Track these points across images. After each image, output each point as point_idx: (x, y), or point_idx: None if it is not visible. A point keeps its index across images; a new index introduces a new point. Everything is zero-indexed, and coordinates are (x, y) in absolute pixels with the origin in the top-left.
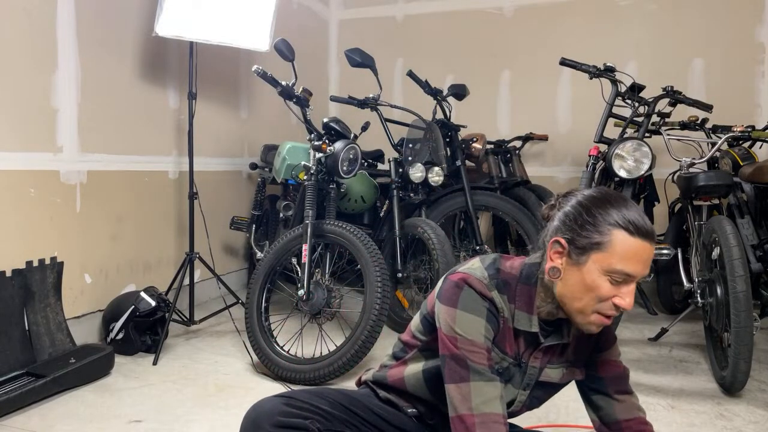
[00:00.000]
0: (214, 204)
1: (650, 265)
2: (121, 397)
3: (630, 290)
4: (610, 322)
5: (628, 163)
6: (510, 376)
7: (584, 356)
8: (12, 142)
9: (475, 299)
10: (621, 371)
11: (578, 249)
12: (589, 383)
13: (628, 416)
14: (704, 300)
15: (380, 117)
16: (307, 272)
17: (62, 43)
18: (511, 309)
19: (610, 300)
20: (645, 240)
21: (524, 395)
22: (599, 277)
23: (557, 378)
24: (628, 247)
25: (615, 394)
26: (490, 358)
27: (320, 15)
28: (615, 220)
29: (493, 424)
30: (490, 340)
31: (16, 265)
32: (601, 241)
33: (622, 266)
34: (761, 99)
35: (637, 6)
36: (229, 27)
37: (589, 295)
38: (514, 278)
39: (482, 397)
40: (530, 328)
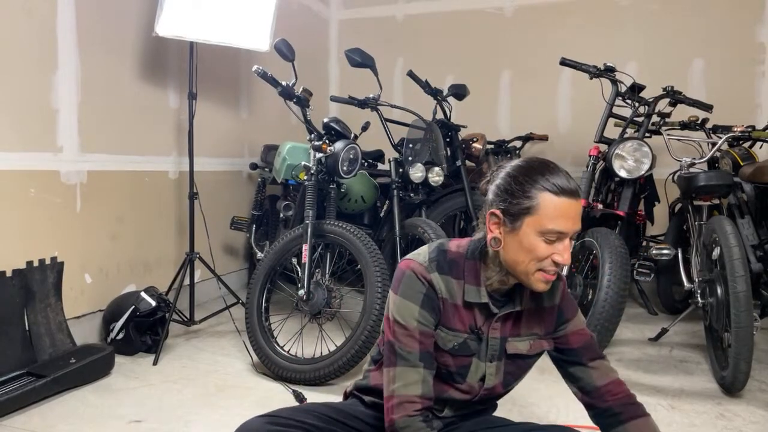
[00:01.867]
0: (214, 204)
1: (579, 218)
2: (121, 397)
3: (565, 246)
4: (554, 277)
5: (629, 163)
6: (472, 350)
7: (550, 327)
8: (12, 142)
9: (414, 284)
10: (589, 339)
11: (512, 216)
12: (564, 356)
13: (605, 380)
14: (704, 300)
15: (380, 117)
16: (307, 272)
17: (62, 43)
18: (461, 285)
19: (549, 258)
20: (570, 198)
21: (492, 368)
22: (535, 239)
23: (525, 349)
24: (555, 206)
25: (589, 362)
26: (426, 342)
27: (320, 15)
28: (540, 184)
29: (407, 404)
30: (429, 324)
31: (16, 265)
32: (531, 206)
33: (552, 225)
34: (761, 99)
35: (637, 6)
36: (229, 27)
37: (529, 256)
38: (461, 256)
39: (403, 381)
40: (480, 300)
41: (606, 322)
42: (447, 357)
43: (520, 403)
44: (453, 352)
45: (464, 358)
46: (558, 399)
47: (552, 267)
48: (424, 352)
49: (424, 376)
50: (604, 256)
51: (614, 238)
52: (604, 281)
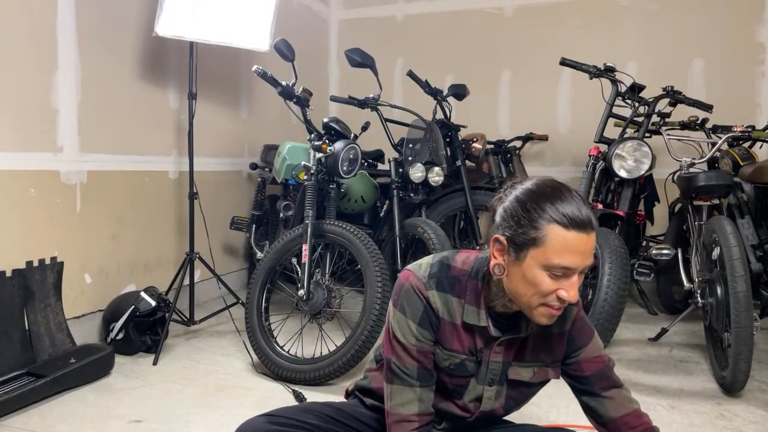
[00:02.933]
0: (214, 204)
1: (591, 253)
2: (121, 397)
3: (572, 283)
4: (559, 313)
5: (628, 163)
6: (469, 371)
7: (558, 355)
8: (12, 142)
9: (412, 300)
10: (604, 366)
11: (516, 246)
12: (576, 384)
13: (622, 412)
14: (704, 300)
15: (380, 117)
16: (307, 272)
17: (62, 43)
18: (461, 304)
19: (554, 294)
20: (580, 231)
21: (492, 392)
22: (539, 273)
23: (528, 377)
24: (563, 240)
25: (603, 391)
26: (424, 360)
27: (320, 15)
28: (549, 214)
29: (404, 423)
30: (427, 341)
31: (16, 265)
32: (537, 237)
33: (559, 260)
34: (761, 99)
35: (637, 6)
36: (229, 27)
37: (532, 290)
38: (465, 273)
39: (399, 400)
40: (479, 323)
41: (606, 322)
42: (443, 374)
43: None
44: (449, 371)
45: (461, 379)
46: (558, 399)
47: (556, 303)
48: (422, 370)
49: (421, 395)
50: (604, 256)
51: (614, 238)
52: (604, 281)
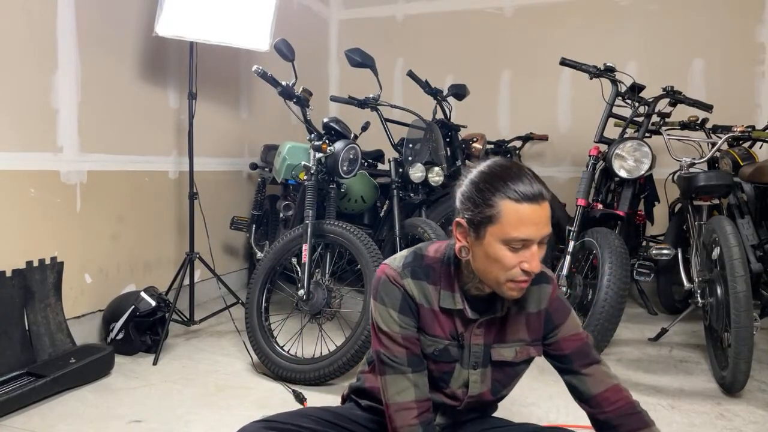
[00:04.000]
0: (214, 204)
1: (547, 222)
2: (121, 397)
3: (532, 253)
4: (526, 285)
5: (628, 163)
6: (453, 357)
7: (538, 334)
8: (12, 142)
9: (389, 290)
10: (583, 343)
11: (476, 225)
12: (558, 364)
13: (602, 388)
14: (704, 300)
15: (380, 117)
16: (307, 272)
17: (62, 43)
18: (437, 290)
19: (517, 267)
20: (532, 203)
21: (477, 375)
22: (500, 248)
23: (510, 357)
24: (516, 214)
25: (582, 368)
26: (411, 347)
27: (320, 15)
28: (500, 191)
29: (404, 411)
30: (410, 327)
31: (16, 265)
32: (492, 214)
33: (515, 233)
34: (761, 99)
35: (637, 6)
36: (229, 27)
37: (496, 266)
38: (438, 261)
39: (395, 389)
40: (455, 306)
41: (606, 322)
42: (429, 362)
43: (520, 403)
44: (434, 357)
45: (446, 365)
46: (558, 399)
47: (522, 276)
48: (411, 356)
49: (415, 380)
50: (604, 256)
51: (614, 238)
52: (604, 281)
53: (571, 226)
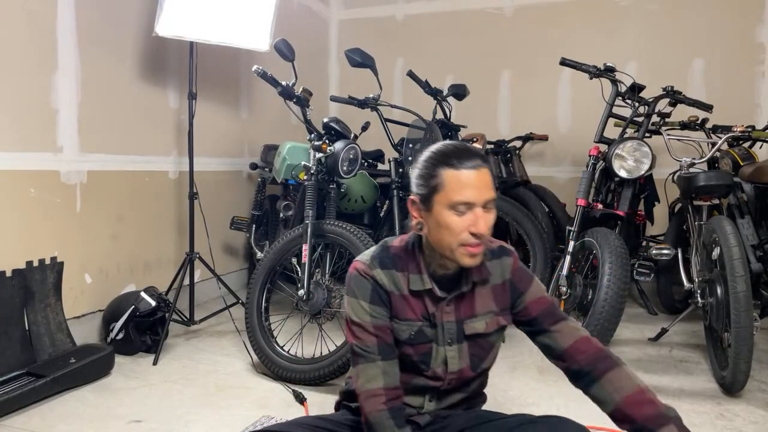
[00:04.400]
0: (214, 204)
1: (489, 186)
2: (121, 397)
3: (477, 216)
4: (478, 249)
5: (628, 163)
6: (429, 337)
7: (506, 302)
8: (12, 142)
9: (360, 282)
10: (548, 304)
11: (425, 198)
12: (529, 328)
13: (571, 341)
14: (704, 300)
15: (380, 117)
16: (307, 272)
17: (62, 43)
18: (405, 276)
19: (466, 231)
20: (470, 168)
21: (453, 351)
22: (447, 215)
23: (482, 328)
24: (456, 179)
25: (551, 326)
26: (382, 335)
27: (320, 15)
28: (442, 162)
29: (373, 398)
30: (381, 316)
31: (16, 265)
32: (437, 184)
33: (458, 197)
34: (761, 99)
35: (637, 6)
36: (229, 27)
37: (446, 233)
38: (403, 249)
39: (366, 377)
40: (424, 286)
41: (606, 322)
42: (406, 347)
43: (519, 403)
44: (411, 341)
45: (423, 346)
46: (558, 399)
47: (471, 239)
48: (382, 345)
49: (384, 368)
50: (604, 256)
51: (614, 238)
52: (604, 281)
53: (571, 226)
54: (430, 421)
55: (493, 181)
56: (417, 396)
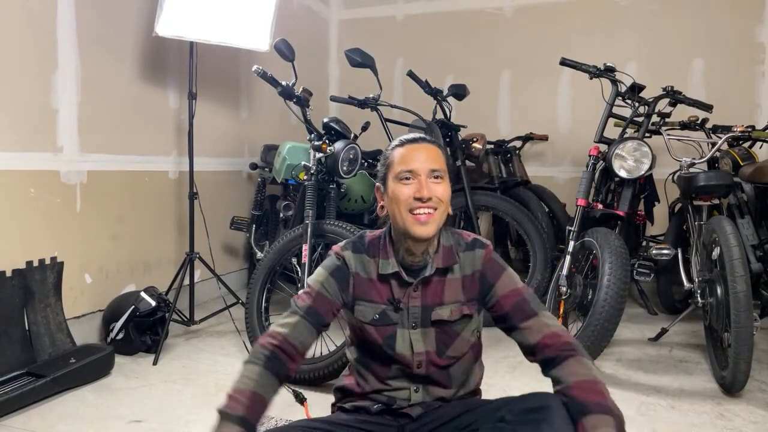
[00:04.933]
0: (214, 204)
1: (434, 159)
2: (121, 397)
3: (420, 183)
4: (426, 218)
5: (628, 163)
6: (392, 320)
7: (473, 294)
8: (12, 142)
9: (330, 260)
10: (520, 299)
11: (383, 179)
12: (503, 324)
13: (539, 337)
14: (704, 300)
15: (380, 117)
16: (307, 272)
17: (62, 43)
18: (376, 262)
19: (410, 197)
20: (412, 143)
21: (417, 334)
22: (396, 186)
23: (447, 315)
24: (401, 154)
25: (521, 322)
26: (317, 306)
27: (320, 15)
28: (392, 145)
29: (269, 336)
30: (331, 292)
31: (16, 265)
32: (388, 163)
33: (401, 167)
34: (761, 99)
35: (637, 6)
36: (229, 27)
37: (397, 203)
38: (377, 237)
39: (281, 322)
40: (390, 270)
41: (606, 322)
42: (371, 329)
43: None
44: (374, 323)
45: (387, 328)
46: None
47: (416, 204)
48: (312, 309)
49: (297, 324)
50: (604, 256)
51: (614, 238)
52: (604, 281)
53: (571, 226)
54: (422, 413)
55: (442, 158)
56: (403, 389)
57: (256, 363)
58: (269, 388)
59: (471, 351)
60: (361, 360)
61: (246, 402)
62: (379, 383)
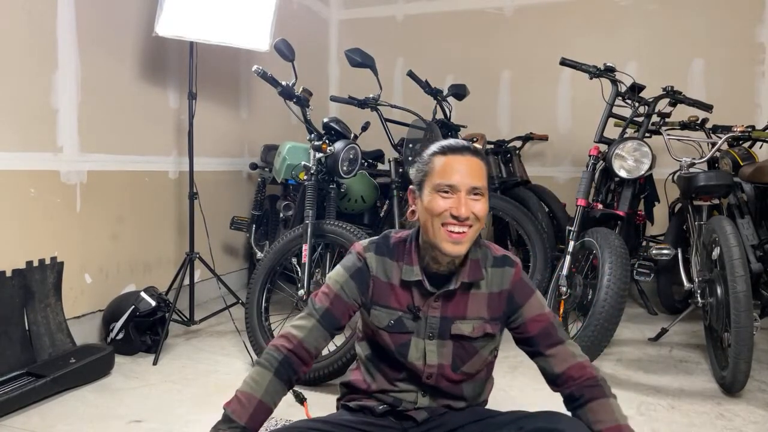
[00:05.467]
0: (214, 204)
1: (476, 175)
2: (121, 397)
3: (459, 199)
4: (461, 237)
5: (628, 163)
6: (408, 328)
7: (497, 313)
8: (12, 142)
9: (351, 259)
10: (547, 324)
11: (419, 185)
12: (527, 348)
13: (565, 366)
14: (704, 300)
15: (380, 117)
16: (307, 272)
17: (62, 43)
18: (399, 266)
19: (447, 211)
20: (456, 154)
21: (433, 345)
22: (433, 197)
23: (468, 331)
24: (442, 164)
25: (547, 349)
26: (334, 308)
27: (320, 15)
28: (432, 150)
29: (283, 338)
30: (350, 294)
31: (16, 265)
32: (427, 170)
33: (441, 179)
34: (761, 99)
35: (637, 6)
36: (229, 27)
37: (431, 215)
38: (403, 240)
39: (295, 323)
40: (413, 278)
41: (606, 322)
42: (384, 335)
43: (520, 403)
44: (389, 329)
45: (401, 336)
46: (558, 399)
47: (451, 221)
48: (329, 313)
49: (313, 328)
50: (604, 256)
51: (614, 238)
52: (604, 281)
53: (571, 226)
54: (427, 418)
55: (484, 174)
56: (410, 392)
57: (267, 369)
58: (276, 395)
59: (485, 369)
60: (371, 358)
61: (251, 411)
62: (386, 383)
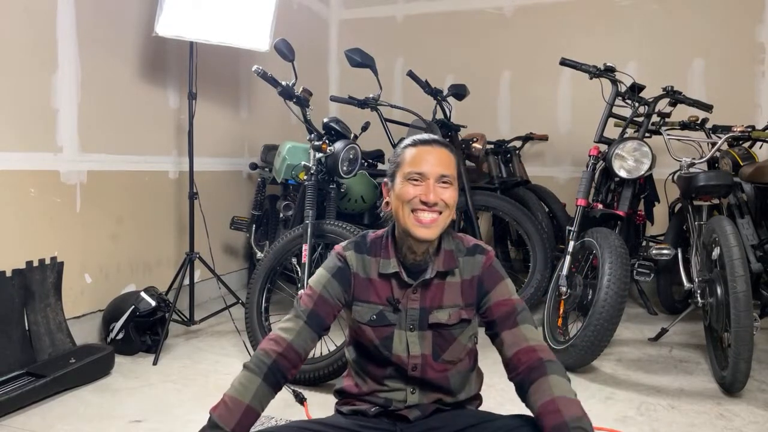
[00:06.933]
0: (214, 204)
1: (445, 164)
2: (121, 397)
3: (428, 186)
4: (430, 222)
5: (628, 163)
6: (390, 321)
7: (471, 299)
8: (12, 142)
9: (332, 260)
10: (510, 308)
11: (391, 176)
12: (489, 332)
13: (514, 350)
14: (704, 300)
15: (380, 117)
16: (307, 272)
17: (62, 43)
18: (377, 261)
19: (417, 198)
20: (424, 145)
21: (414, 336)
22: (404, 186)
23: (445, 319)
24: (413, 154)
25: (503, 331)
26: (319, 309)
27: (320, 15)
28: (404, 144)
29: (272, 341)
30: (334, 294)
31: (16, 265)
32: (399, 161)
33: (411, 168)
34: (761, 99)
35: (637, 6)
36: (229, 27)
37: (401, 201)
38: (380, 237)
39: (283, 326)
40: (390, 270)
41: (606, 322)
42: (368, 330)
43: (519, 403)
44: (371, 323)
45: (384, 329)
46: None
47: (421, 206)
48: (315, 314)
49: (301, 330)
50: (604, 256)
51: (614, 238)
52: (604, 281)
53: (571, 226)
54: (420, 417)
55: (453, 164)
56: (399, 390)
57: (256, 373)
58: (264, 400)
59: (468, 357)
60: (359, 360)
61: (238, 417)
62: (376, 384)
